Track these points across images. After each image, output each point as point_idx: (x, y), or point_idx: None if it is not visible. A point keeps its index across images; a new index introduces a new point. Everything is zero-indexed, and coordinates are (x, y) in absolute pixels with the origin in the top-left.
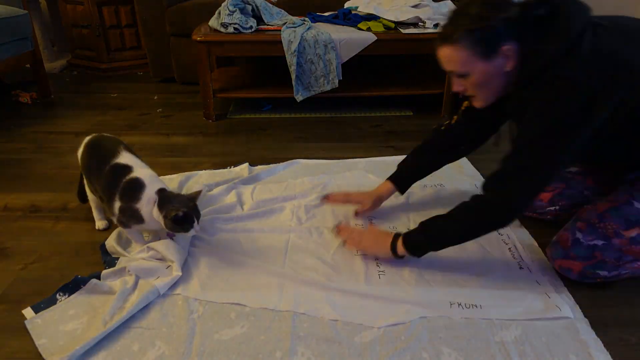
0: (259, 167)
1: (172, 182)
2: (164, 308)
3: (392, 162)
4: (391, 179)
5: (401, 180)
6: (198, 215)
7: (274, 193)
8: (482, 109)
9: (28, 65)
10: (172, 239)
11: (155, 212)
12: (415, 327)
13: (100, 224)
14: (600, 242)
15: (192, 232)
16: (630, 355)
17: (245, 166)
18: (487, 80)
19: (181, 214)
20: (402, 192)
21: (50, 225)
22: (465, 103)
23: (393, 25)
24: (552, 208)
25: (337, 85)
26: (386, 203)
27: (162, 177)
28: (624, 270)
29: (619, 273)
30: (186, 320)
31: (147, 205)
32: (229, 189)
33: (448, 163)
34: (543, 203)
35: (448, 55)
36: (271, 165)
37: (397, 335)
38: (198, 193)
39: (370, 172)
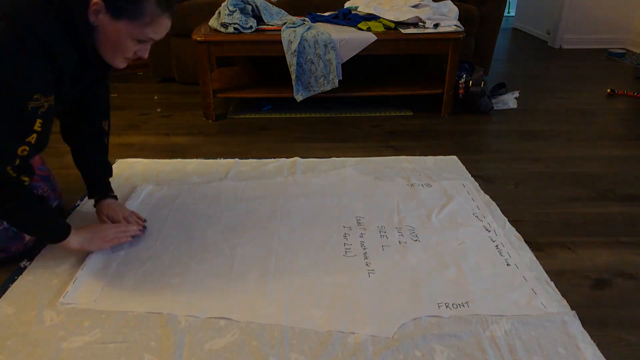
0: (249, 161)
1: (158, 164)
2: (150, 321)
3: (381, 161)
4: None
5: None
6: None
7: (260, 192)
8: None
9: None
10: None
11: None
12: (407, 326)
13: None
14: None
15: None
16: (630, 355)
17: (234, 160)
18: None
19: None
20: (92, 196)
21: None
22: None
23: (393, 25)
24: None
25: (337, 85)
26: (375, 201)
27: (153, 160)
28: None
29: None
30: (174, 332)
31: None
32: (214, 187)
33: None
34: None
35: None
36: (260, 161)
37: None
38: None
39: (360, 171)
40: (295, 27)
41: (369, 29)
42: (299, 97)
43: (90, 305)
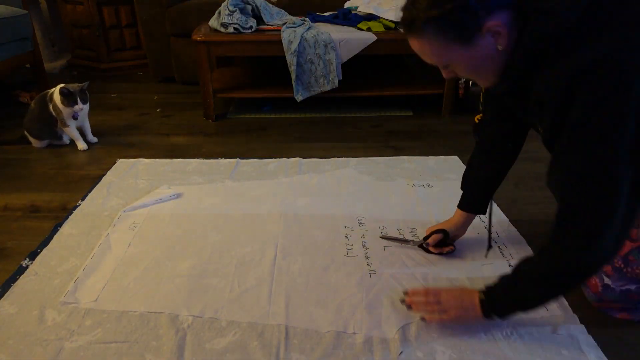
0: (249, 161)
1: (158, 164)
2: (151, 321)
3: (382, 162)
4: (461, 207)
5: (470, 204)
6: (83, 98)
7: (262, 192)
8: (500, 101)
9: (28, 65)
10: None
11: (58, 98)
12: (408, 327)
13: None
14: (633, 287)
15: (76, 107)
16: (628, 354)
17: (234, 160)
18: (476, 65)
19: (65, 90)
20: (480, 212)
21: (50, 225)
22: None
23: (393, 25)
24: None
25: (337, 85)
26: (376, 202)
27: (154, 160)
28: None
29: None
30: (175, 332)
31: (56, 97)
32: (215, 187)
33: (509, 165)
34: None
35: (418, 48)
36: (261, 161)
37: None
38: (85, 84)
39: (362, 171)
40: (295, 27)
41: (369, 29)
42: (299, 97)
43: (91, 304)
